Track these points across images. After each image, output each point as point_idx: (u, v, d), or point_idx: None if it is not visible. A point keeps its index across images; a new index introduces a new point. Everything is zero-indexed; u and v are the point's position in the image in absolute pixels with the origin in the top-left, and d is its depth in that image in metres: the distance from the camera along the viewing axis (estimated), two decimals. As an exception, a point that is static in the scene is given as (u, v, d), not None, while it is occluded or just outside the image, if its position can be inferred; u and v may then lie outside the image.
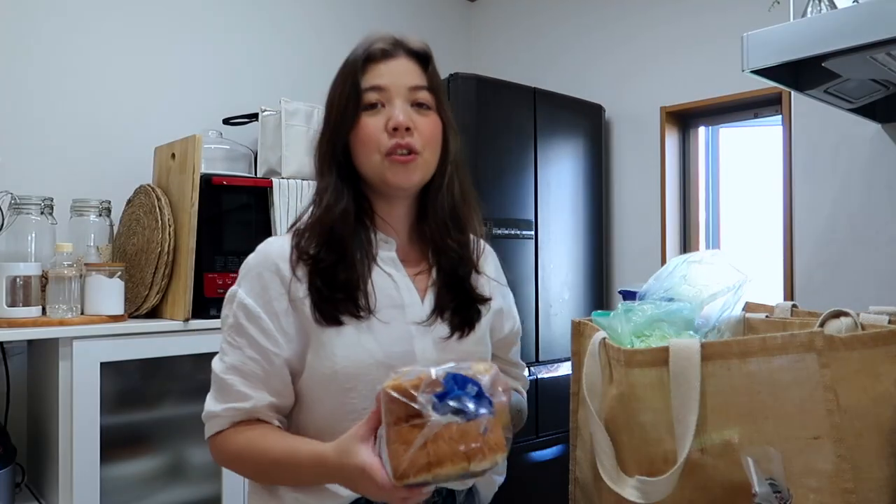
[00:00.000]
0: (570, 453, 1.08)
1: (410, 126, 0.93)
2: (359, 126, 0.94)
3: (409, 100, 0.95)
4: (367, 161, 0.94)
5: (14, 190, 1.73)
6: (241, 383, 0.92)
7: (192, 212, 1.74)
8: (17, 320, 1.56)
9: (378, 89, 0.94)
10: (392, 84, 0.94)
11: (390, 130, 0.92)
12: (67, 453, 1.55)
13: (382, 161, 0.93)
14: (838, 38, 1.06)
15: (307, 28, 2.58)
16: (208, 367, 0.98)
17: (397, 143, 0.92)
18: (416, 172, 0.95)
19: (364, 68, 0.96)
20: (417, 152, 0.93)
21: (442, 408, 0.72)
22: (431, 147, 0.96)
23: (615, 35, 2.62)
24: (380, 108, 0.94)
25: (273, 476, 0.92)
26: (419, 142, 0.94)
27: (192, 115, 2.23)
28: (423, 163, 0.95)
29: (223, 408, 0.93)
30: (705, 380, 0.77)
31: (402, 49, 0.97)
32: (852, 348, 0.74)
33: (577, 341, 1.02)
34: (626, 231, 2.58)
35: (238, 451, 0.93)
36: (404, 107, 0.94)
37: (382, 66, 0.96)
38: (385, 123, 0.93)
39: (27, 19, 1.96)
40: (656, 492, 0.79)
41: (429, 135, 0.95)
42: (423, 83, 0.97)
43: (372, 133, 0.93)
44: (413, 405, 0.71)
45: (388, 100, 0.94)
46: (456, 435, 0.71)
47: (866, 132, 1.77)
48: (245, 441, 0.92)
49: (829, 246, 1.84)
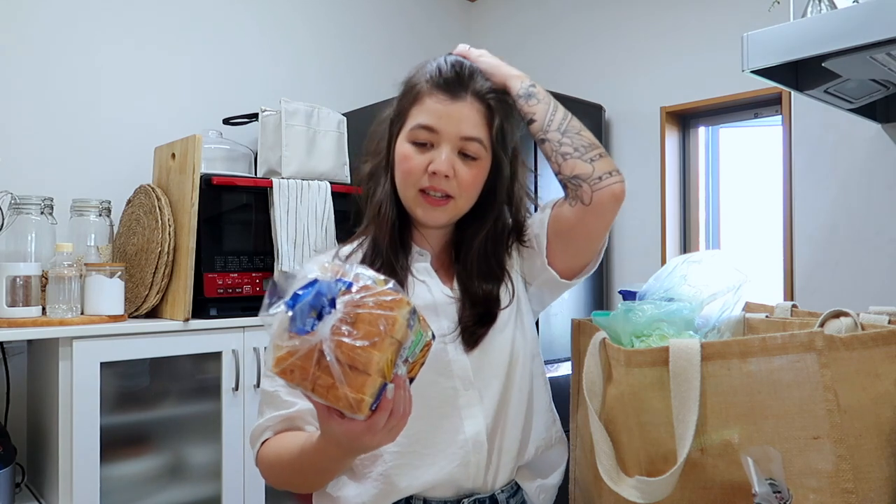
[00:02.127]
0: (570, 453, 1.08)
1: (450, 175, 0.94)
2: (402, 156, 0.97)
3: (458, 148, 0.96)
4: (403, 191, 0.99)
5: (14, 190, 1.73)
6: (285, 393, 0.94)
7: (192, 212, 1.74)
8: (17, 320, 1.56)
9: (430, 129, 0.95)
10: (445, 130, 0.95)
11: (430, 173, 0.95)
12: (67, 453, 1.55)
13: (416, 196, 0.97)
14: (838, 38, 1.06)
15: (307, 28, 2.58)
16: (208, 367, 0.99)
17: (433, 185, 0.95)
18: (445, 215, 0.98)
19: (421, 99, 0.97)
20: (452, 197, 0.96)
21: (301, 321, 0.67)
22: (468, 194, 0.98)
23: (615, 35, 2.62)
24: (428, 147, 0.96)
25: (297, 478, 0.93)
26: (456, 189, 0.96)
27: (192, 115, 2.23)
28: (454, 207, 0.98)
29: (268, 417, 0.95)
30: (705, 380, 0.77)
31: (467, 90, 0.97)
32: (852, 348, 0.74)
33: (577, 341, 1.02)
34: (626, 231, 2.58)
35: (269, 461, 0.95)
36: (451, 155, 0.95)
37: (441, 107, 0.95)
38: (427, 164, 0.95)
39: (27, 19, 1.96)
40: (656, 492, 0.79)
41: (467, 184, 0.97)
42: (477, 135, 0.96)
43: (414, 169, 0.96)
44: (296, 360, 0.67)
45: (438, 142, 0.95)
46: (356, 323, 0.67)
47: (866, 132, 1.77)
48: (272, 453, 0.94)
49: (829, 246, 1.84)
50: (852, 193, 1.80)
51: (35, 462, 1.77)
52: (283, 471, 0.93)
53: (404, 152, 0.97)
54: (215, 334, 1.76)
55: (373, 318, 0.67)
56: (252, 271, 1.88)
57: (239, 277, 1.84)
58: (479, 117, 0.97)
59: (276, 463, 0.93)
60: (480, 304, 1.00)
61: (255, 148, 2.12)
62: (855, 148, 1.79)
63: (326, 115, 2.11)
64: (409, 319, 0.70)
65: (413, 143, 0.96)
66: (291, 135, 2.02)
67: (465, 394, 0.96)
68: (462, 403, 0.96)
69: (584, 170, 0.97)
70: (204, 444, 1.82)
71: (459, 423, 0.95)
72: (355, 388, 0.67)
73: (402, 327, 0.69)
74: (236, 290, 1.83)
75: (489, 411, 0.97)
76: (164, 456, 1.80)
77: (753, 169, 2.43)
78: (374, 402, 0.69)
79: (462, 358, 0.98)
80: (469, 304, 1.00)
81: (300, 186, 1.97)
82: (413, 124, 0.96)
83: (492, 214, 1.03)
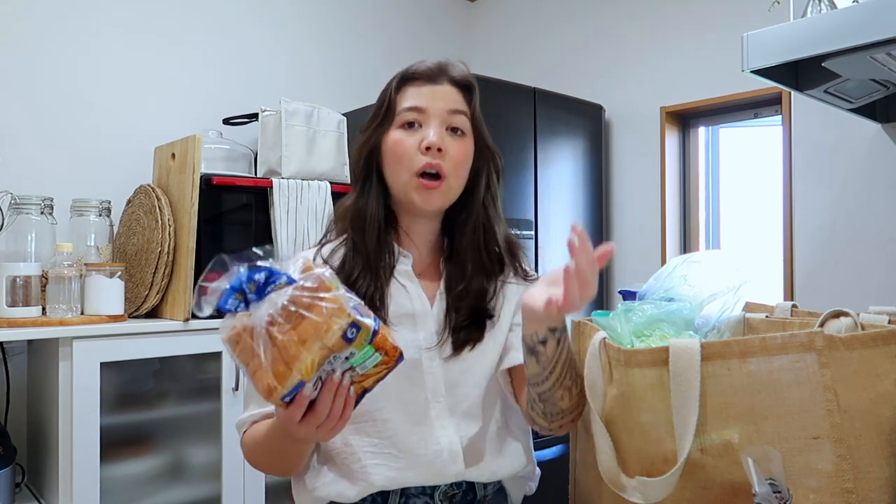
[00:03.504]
0: (570, 453, 1.08)
1: (442, 147, 0.97)
2: (393, 142, 0.99)
3: (446, 123, 1.00)
4: (396, 178, 0.99)
5: (14, 190, 1.73)
6: None
7: (192, 212, 1.74)
8: (17, 320, 1.56)
9: (417, 110, 0.99)
10: (430, 106, 0.99)
11: (423, 150, 0.97)
12: (67, 453, 1.55)
13: (410, 180, 0.98)
14: (838, 38, 1.06)
15: (307, 28, 2.58)
16: (208, 367, 0.99)
17: (428, 162, 0.97)
18: (440, 197, 0.99)
19: (405, 87, 1.01)
20: (444, 176, 0.98)
21: (224, 299, 0.73)
22: (458, 172, 1.00)
23: (615, 35, 2.62)
24: (417, 127, 0.99)
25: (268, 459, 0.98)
26: (448, 165, 0.98)
27: (192, 115, 2.23)
28: (447, 188, 0.99)
29: (248, 414, 0.99)
30: (705, 380, 0.77)
31: (445, 76, 1.02)
32: (852, 348, 0.74)
33: (578, 341, 1.02)
34: (627, 231, 2.58)
35: (248, 446, 0.99)
36: (439, 129, 0.98)
37: (425, 89, 1.01)
38: (419, 143, 0.97)
39: (27, 19, 1.96)
40: (656, 492, 0.79)
41: (458, 159, 0.99)
42: (462, 108, 1.01)
43: (406, 150, 0.98)
44: (244, 335, 0.73)
45: (426, 121, 0.99)
46: (289, 318, 0.71)
47: (866, 132, 1.77)
48: (249, 436, 0.99)
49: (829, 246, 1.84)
50: (852, 193, 1.80)
51: (35, 462, 1.77)
52: (257, 453, 0.97)
53: (395, 138, 0.99)
54: (215, 334, 1.74)
55: (307, 320, 0.70)
56: (252, 271, 1.88)
57: (239, 277, 1.84)
58: (460, 97, 1.02)
59: (253, 447, 0.97)
60: (472, 299, 1.01)
61: (255, 148, 2.12)
62: (855, 148, 1.79)
63: (326, 115, 2.11)
64: (346, 331, 0.71)
65: (401, 129, 0.99)
66: (291, 135, 2.02)
67: (436, 405, 0.98)
68: (433, 415, 0.97)
69: (543, 423, 0.97)
70: (204, 444, 1.82)
71: (431, 433, 0.97)
72: (275, 376, 0.71)
73: (334, 336, 0.71)
74: (236, 290, 1.83)
75: (463, 424, 0.98)
76: (164, 456, 1.80)
77: (753, 169, 2.43)
78: (287, 394, 0.72)
79: (437, 371, 0.98)
80: (459, 303, 1.00)
81: (300, 186, 1.97)
82: (399, 109, 1.00)
83: (478, 200, 1.04)
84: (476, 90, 1.05)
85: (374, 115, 1.03)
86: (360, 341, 0.72)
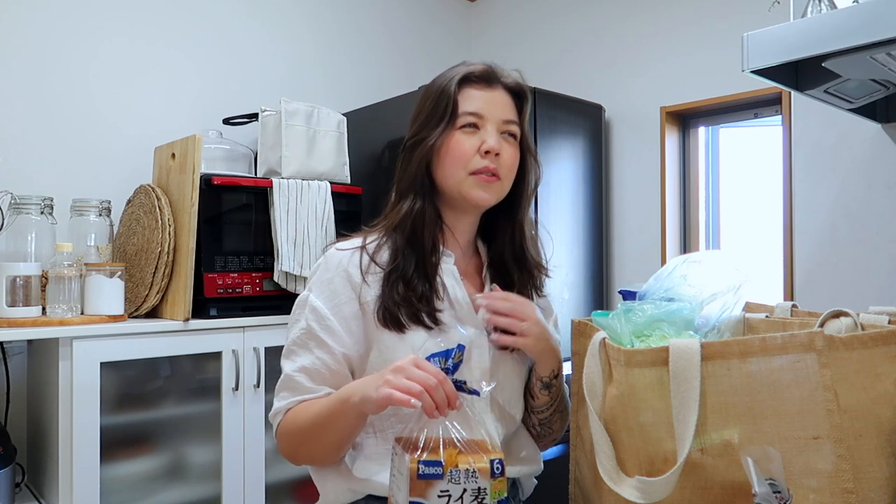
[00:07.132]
0: (570, 453, 1.08)
1: (500, 152, 1.03)
2: (452, 142, 1.03)
3: (501, 130, 1.06)
4: (451, 175, 1.04)
5: (14, 190, 1.73)
6: (308, 380, 1.00)
7: (192, 212, 1.74)
8: (17, 320, 1.56)
9: (476, 115, 1.04)
10: (489, 113, 1.05)
11: (482, 153, 1.03)
12: (67, 453, 1.55)
13: (466, 178, 1.03)
14: (838, 38, 1.06)
15: (307, 28, 2.58)
16: (208, 367, 0.99)
17: (486, 166, 1.03)
18: (494, 194, 1.06)
19: (463, 89, 1.06)
20: (500, 178, 1.04)
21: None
22: (510, 175, 1.07)
23: (615, 35, 2.62)
24: (475, 129, 1.04)
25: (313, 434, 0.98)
26: (503, 169, 1.05)
27: (192, 115, 2.23)
28: (500, 187, 1.06)
29: (289, 401, 1.00)
30: (705, 380, 0.77)
31: (499, 82, 1.08)
32: (852, 348, 0.74)
33: (578, 341, 1.02)
34: (626, 231, 2.58)
35: (287, 429, 1.00)
36: (496, 135, 1.05)
37: (481, 94, 1.06)
38: (479, 146, 1.03)
39: (27, 19, 1.96)
40: (656, 492, 0.79)
41: (510, 163, 1.06)
42: (515, 118, 1.08)
43: (466, 152, 1.03)
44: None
45: (483, 125, 1.05)
46: None
47: (866, 132, 1.76)
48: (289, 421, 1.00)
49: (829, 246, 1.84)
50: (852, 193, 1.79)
51: (35, 462, 1.77)
52: (302, 434, 0.98)
53: (456, 138, 1.04)
54: (215, 334, 1.76)
55: None
56: (252, 271, 1.88)
57: (239, 277, 1.85)
58: (513, 105, 1.08)
59: (296, 430, 0.98)
60: (523, 269, 1.11)
61: (255, 148, 2.12)
62: (855, 148, 1.79)
63: (326, 115, 2.11)
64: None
65: (461, 130, 1.04)
66: (291, 135, 2.02)
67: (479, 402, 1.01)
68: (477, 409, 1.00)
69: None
70: (204, 444, 1.82)
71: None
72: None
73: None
74: (236, 290, 1.84)
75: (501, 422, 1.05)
76: (164, 456, 1.80)
77: (753, 169, 2.43)
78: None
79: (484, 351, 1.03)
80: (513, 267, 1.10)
81: (300, 186, 1.97)
82: (461, 111, 1.04)
83: (521, 206, 1.11)
84: (528, 99, 1.11)
85: (431, 115, 1.05)
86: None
